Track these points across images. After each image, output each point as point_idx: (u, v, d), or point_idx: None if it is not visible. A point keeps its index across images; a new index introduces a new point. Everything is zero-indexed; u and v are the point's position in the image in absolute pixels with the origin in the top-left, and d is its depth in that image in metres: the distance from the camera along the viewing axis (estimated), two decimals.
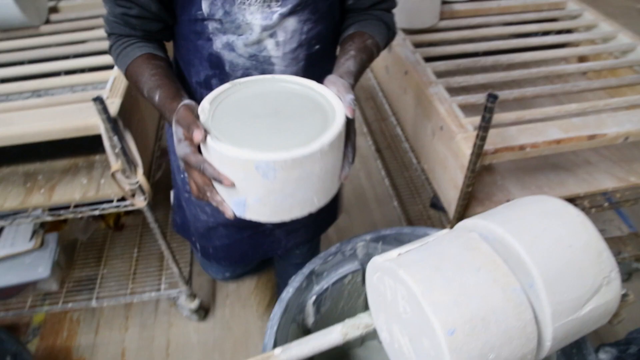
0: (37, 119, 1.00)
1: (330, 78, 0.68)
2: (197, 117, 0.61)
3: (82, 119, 0.98)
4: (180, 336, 1.49)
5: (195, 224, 1.07)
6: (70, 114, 1.00)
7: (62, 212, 1.12)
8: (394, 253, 0.53)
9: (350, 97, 0.63)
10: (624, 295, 0.69)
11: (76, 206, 1.13)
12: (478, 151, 0.88)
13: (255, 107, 0.64)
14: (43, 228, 1.48)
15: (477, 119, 0.92)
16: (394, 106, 1.45)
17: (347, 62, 0.73)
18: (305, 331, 0.90)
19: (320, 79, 0.69)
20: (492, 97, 0.79)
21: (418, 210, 1.55)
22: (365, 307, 0.60)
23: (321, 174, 0.59)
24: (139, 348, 1.47)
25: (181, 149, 0.60)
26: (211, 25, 0.73)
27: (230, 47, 0.75)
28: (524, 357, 0.49)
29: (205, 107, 0.62)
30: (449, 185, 1.05)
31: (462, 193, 0.97)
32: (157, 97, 0.68)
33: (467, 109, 1.07)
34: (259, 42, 0.74)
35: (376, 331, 0.66)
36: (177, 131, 0.60)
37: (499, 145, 0.96)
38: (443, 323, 0.45)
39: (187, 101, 0.63)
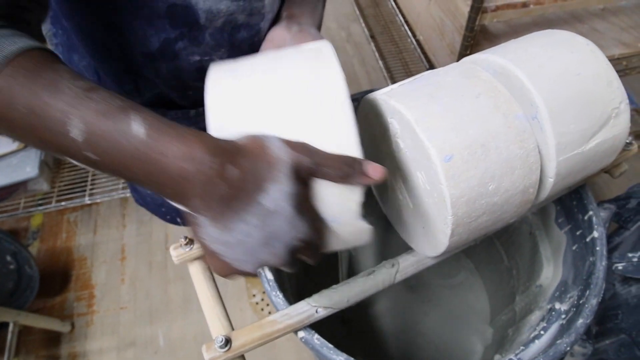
0: None
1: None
2: None
3: None
4: (178, 229, 1.49)
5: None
6: None
7: None
8: (385, 89, 0.49)
9: None
10: (628, 144, 0.65)
11: None
12: (478, 5, 0.81)
13: None
14: None
15: None
16: None
17: None
18: None
19: None
20: None
21: None
22: None
23: None
24: (138, 243, 1.49)
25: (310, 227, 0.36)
26: None
27: None
28: (526, 189, 0.47)
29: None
30: (446, 52, 0.99)
31: (460, 57, 0.91)
32: (142, 128, 0.32)
33: None
34: None
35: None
36: (294, 187, 0.34)
37: (500, 2, 0.88)
38: (439, 149, 0.41)
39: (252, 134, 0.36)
